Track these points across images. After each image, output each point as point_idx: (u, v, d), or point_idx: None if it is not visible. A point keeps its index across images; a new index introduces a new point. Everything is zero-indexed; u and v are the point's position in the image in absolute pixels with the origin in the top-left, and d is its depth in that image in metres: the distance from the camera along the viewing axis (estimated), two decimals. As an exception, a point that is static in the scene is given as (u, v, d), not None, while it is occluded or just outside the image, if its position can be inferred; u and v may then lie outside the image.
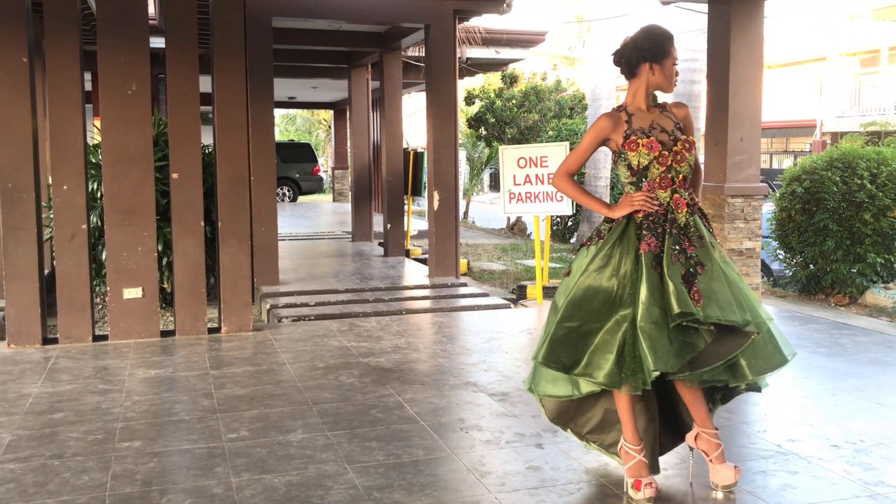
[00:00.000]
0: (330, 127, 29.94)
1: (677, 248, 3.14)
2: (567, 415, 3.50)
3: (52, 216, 5.94)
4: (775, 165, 29.35)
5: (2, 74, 5.60)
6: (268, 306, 7.46)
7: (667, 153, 3.23)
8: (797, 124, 28.76)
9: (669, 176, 3.24)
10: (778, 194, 8.83)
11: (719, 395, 3.43)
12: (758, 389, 3.33)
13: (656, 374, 2.99)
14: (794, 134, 30.22)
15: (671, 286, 3.05)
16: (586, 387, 3.22)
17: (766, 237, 8.80)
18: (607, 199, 14.25)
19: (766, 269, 9.79)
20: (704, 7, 8.06)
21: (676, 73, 3.35)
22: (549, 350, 3.14)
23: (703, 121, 8.07)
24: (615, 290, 3.14)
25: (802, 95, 28.18)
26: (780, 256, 9.05)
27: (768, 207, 8.86)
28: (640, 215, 3.24)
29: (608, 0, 13.14)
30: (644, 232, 3.19)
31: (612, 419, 3.40)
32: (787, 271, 9.17)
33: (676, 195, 3.23)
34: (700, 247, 3.17)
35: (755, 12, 7.38)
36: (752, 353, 3.10)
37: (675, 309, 3.01)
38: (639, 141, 3.24)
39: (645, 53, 3.30)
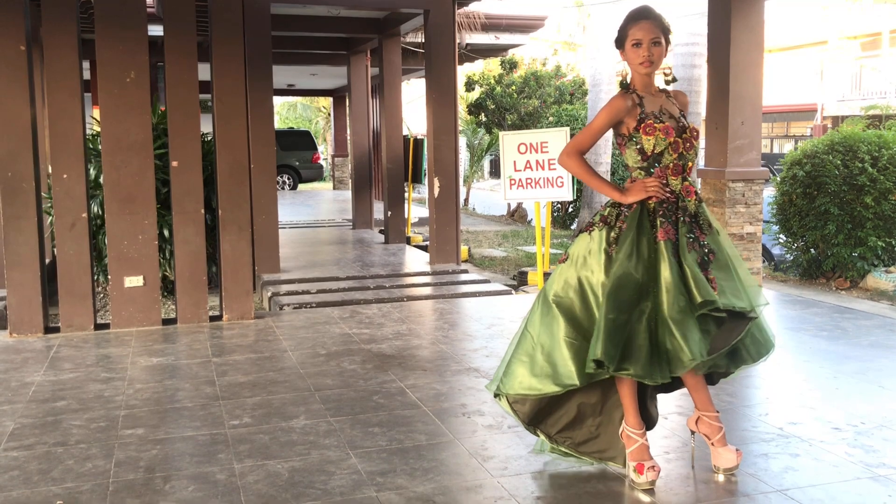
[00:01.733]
0: (329, 114, 29.87)
1: (691, 236, 3.11)
2: (540, 416, 3.34)
3: (52, 205, 5.94)
4: (776, 150, 29.29)
5: (1, 63, 5.58)
6: (269, 294, 7.47)
7: (679, 140, 3.18)
8: (798, 108, 28.70)
9: (681, 163, 3.19)
10: (779, 178, 8.82)
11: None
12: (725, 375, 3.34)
13: (693, 363, 2.94)
14: (795, 118, 30.15)
15: (691, 274, 3.01)
16: (575, 381, 3.08)
17: (767, 221, 8.79)
18: (608, 185, 14.20)
19: (766, 253, 9.79)
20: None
21: (647, 56, 3.15)
22: (606, 344, 2.94)
23: (704, 105, 8.04)
24: (642, 280, 3.05)
25: (803, 79, 28.10)
26: (781, 241, 9.05)
27: (769, 192, 8.85)
28: (652, 202, 3.15)
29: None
30: (661, 219, 3.12)
31: (585, 413, 3.31)
32: (788, 255, 9.16)
33: (686, 182, 3.19)
34: (709, 234, 3.16)
35: (756, -5, 7.33)
36: (751, 338, 3.12)
37: (699, 298, 2.98)
38: (655, 125, 3.14)
39: (616, 40, 3.26)
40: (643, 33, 3.14)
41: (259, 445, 3.69)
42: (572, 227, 15.74)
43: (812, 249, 8.58)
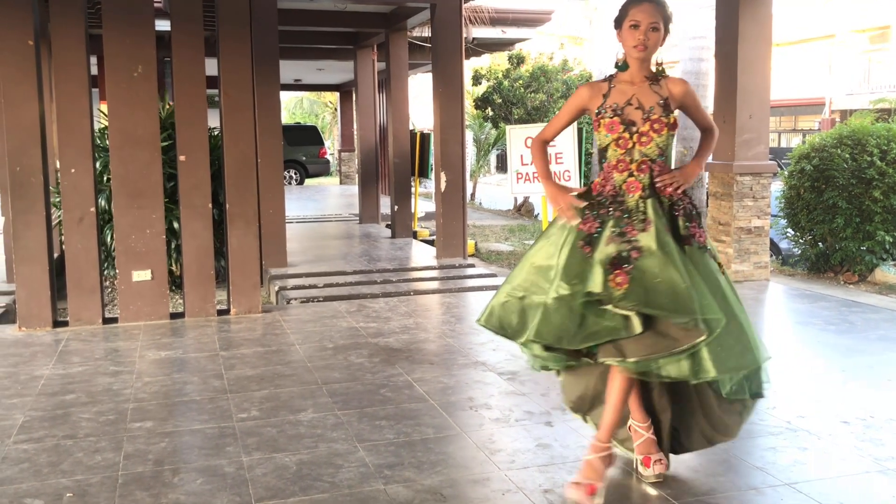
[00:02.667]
0: (336, 109, 29.87)
1: (617, 229, 2.97)
2: (583, 405, 3.41)
3: (59, 199, 5.95)
4: (784, 144, 29.19)
5: (8, 58, 5.60)
6: (276, 288, 7.48)
7: (627, 136, 3.06)
8: (806, 102, 28.58)
9: (627, 159, 3.07)
10: (787, 172, 8.78)
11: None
12: (759, 396, 3.09)
13: (534, 345, 2.99)
14: (803, 112, 30.03)
15: (592, 267, 2.92)
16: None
17: (775, 215, 8.76)
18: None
19: (774, 247, 9.75)
20: (713, -17, 7.97)
21: (642, 40, 3.03)
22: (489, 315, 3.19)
23: (712, 99, 8.02)
24: (548, 264, 3.06)
25: (811, 73, 27.99)
26: (789, 234, 9.02)
27: (777, 186, 8.81)
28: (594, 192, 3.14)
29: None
30: (586, 211, 3.08)
31: (624, 414, 3.21)
32: (796, 249, 9.13)
33: (631, 178, 3.05)
34: (642, 231, 2.94)
35: (764, -12, 7.30)
36: (716, 347, 2.84)
37: (585, 288, 2.89)
38: (601, 120, 3.10)
39: (615, 19, 3.14)
40: (643, 15, 3.03)
41: (267, 438, 3.70)
42: (579, 222, 15.70)
43: (820, 243, 8.55)
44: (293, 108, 40.14)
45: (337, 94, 25.21)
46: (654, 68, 3.16)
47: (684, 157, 12.39)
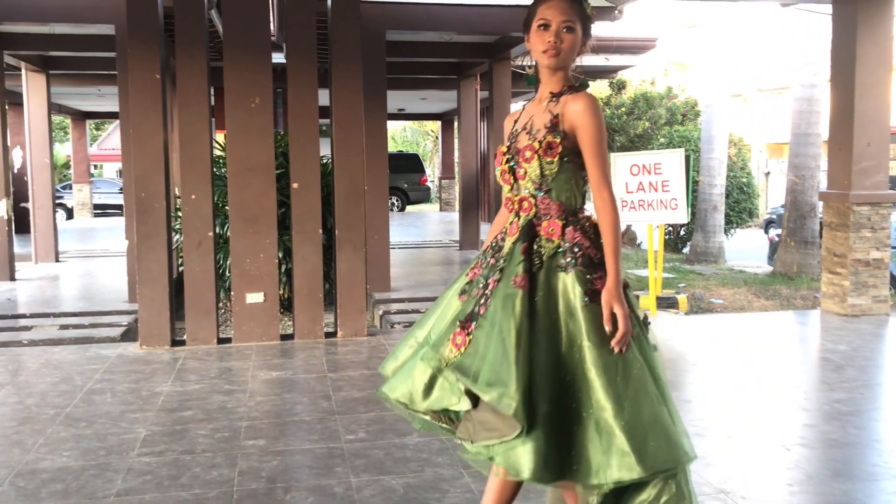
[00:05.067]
0: (437, 137, 30.27)
1: (483, 282, 2.44)
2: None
3: (179, 225, 6.25)
4: (903, 172, 27.77)
5: (137, 91, 5.95)
6: (380, 312, 7.62)
7: (507, 169, 2.49)
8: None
9: (512, 196, 2.51)
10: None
11: None
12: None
13: (386, 394, 2.56)
14: (924, 139, 28.52)
15: (447, 322, 2.46)
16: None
17: (895, 247, 8.35)
18: (722, 208, 13.84)
19: (894, 280, 9.28)
20: (827, 8, 7.75)
21: (552, 43, 2.41)
22: None
23: (826, 126, 7.75)
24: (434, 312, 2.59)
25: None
26: (911, 267, 8.57)
27: (897, 216, 8.41)
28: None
29: (723, 4, 12.81)
30: (481, 257, 2.58)
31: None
32: (919, 283, 8.67)
33: (515, 219, 2.48)
34: (499, 283, 2.37)
35: (884, 11, 7.04)
36: (590, 444, 2.18)
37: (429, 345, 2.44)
38: (497, 152, 2.58)
39: (523, 21, 2.52)
40: (554, 13, 2.42)
41: (374, 460, 3.76)
42: (684, 251, 15.36)
43: (945, 277, 8.09)
44: (395, 136, 40.95)
45: (438, 123, 25.59)
46: (575, 81, 2.53)
47: (795, 186, 11.99)
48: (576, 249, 2.35)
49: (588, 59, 2.75)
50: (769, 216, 19.35)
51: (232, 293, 6.24)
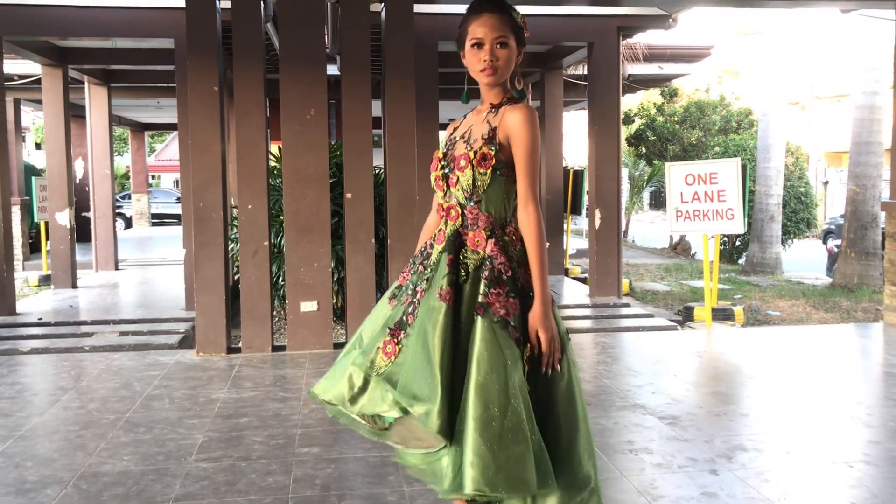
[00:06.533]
0: (488, 147, 30.21)
1: (412, 289, 2.44)
2: None
3: (235, 234, 6.36)
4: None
5: (196, 102, 6.09)
6: (432, 322, 7.63)
7: (440, 175, 2.49)
8: None
9: (443, 203, 2.49)
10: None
11: None
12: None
13: (317, 395, 2.56)
14: None
15: (381, 328, 2.47)
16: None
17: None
18: (779, 218, 13.58)
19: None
20: (890, 13, 7.57)
21: (489, 62, 2.41)
22: None
23: (889, 134, 7.55)
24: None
25: None
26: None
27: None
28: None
29: (780, 12, 12.62)
30: (412, 262, 2.56)
31: None
32: None
33: (444, 227, 2.47)
34: (426, 293, 2.36)
35: (950, 16, 6.85)
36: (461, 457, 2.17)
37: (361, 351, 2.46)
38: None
39: (456, 39, 2.52)
40: (485, 30, 2.39)
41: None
42: (740, 262, 15.10)
43: None
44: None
45: (489, 132, 25.56)
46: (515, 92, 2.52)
47: (856, 196, 11.70)
48: (488, 263, 2.34)
49: (641, 68, 2.75)
50: (827, 226, 18.91)
51: (286, 302, 6.32)
